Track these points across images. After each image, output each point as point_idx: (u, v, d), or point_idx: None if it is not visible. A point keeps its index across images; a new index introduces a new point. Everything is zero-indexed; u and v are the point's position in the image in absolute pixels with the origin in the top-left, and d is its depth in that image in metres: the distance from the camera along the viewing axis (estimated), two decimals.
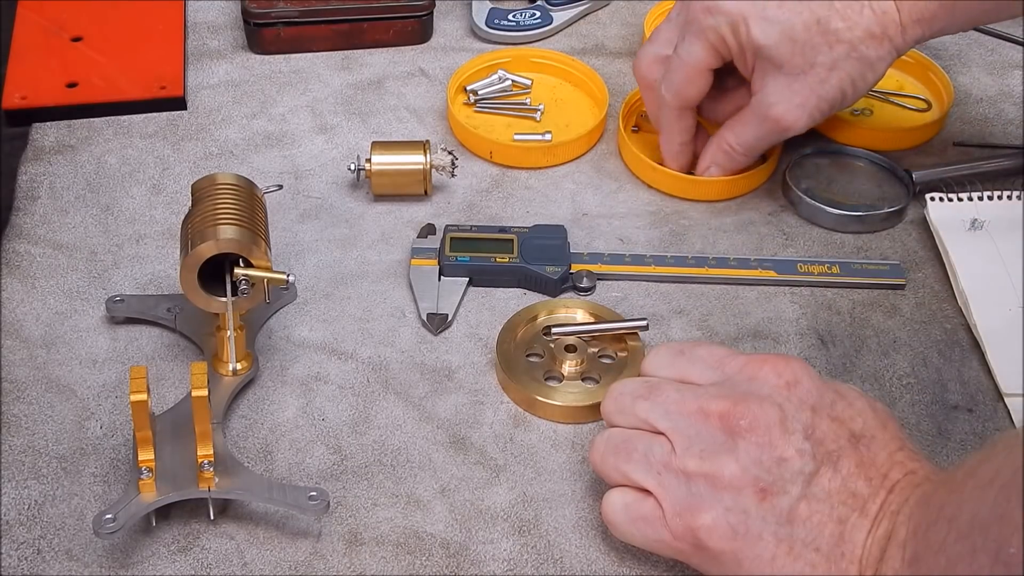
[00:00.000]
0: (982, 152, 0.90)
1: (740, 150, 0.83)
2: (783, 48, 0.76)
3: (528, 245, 0.80)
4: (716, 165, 0.85)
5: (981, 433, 0.72)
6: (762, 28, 0.76)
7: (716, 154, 0.84)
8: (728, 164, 0.84)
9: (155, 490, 0.64)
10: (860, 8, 0.76)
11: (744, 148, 0.83)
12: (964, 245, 0.82)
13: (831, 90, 0.78)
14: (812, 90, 0.78)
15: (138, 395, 0.62)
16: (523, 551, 0.65)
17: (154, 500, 0.63)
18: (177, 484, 0.64)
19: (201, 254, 0.68)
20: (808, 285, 0.80)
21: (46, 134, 0.89)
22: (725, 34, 0.78)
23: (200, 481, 0.64)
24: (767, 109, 0.79)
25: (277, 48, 0.97)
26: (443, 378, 0.74)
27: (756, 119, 0.81)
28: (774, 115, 0.79)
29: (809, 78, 0.77)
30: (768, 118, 0.80)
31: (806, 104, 0.78)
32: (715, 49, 0.79)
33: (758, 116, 0.80)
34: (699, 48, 0.79)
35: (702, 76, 0.80)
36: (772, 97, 0.79)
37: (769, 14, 0.76)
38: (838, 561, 0.57)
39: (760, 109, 0.80)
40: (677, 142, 0.85)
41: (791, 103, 0.78)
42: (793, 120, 0.79)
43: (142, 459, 0.64)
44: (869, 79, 0.78)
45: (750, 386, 0.62)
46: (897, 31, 0.76)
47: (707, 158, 0.85)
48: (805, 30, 0.76)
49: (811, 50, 0.76)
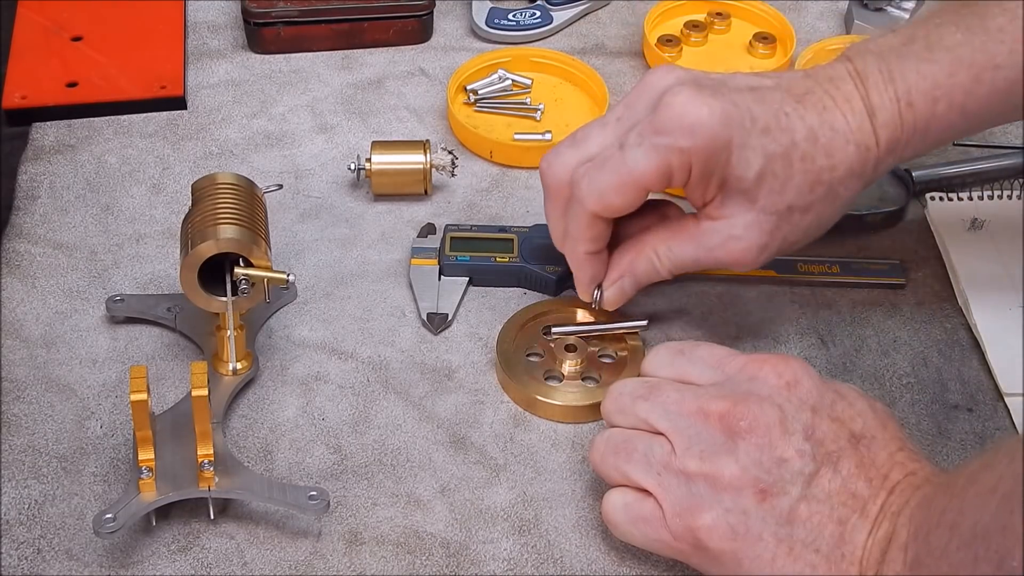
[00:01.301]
0: (982, 152, 0.90)
1: (668, 267, 0.72)
2: (762, 184, 0.67)
3: (528, 245, 0.80)
4: (631, 276, 0.72)
5: (981, 433, 0.72)
6: (745, 158, 0.66)
7: (637, 263, 0.72)
8: (646, 279, 0.73)
9: (155, 490, 0.64)
10: (844, 144, 0.67)
11: (674, 266, 0.72)
12: (964, 245, 0.82)
13: (798, 233, 0.69)
14: (779, 232, 0.69)
15: (138, 395, 0.62)
16: (523, 551, 0.65)
17: (154, 500, 0.63)
18: (177, 484, 0.64)
19: (201, 254, 0.68)
20: (808, 285, 0.80)
21: (46, 134, 0.89)
22: (696, 163, 0.65)
23: (200, 481, 0.64)
24: (725, 241, 0.69)
25: (277, 48, 0.97)
26: (443, 378, 0.74)
27: (704, 247, 0.70)
28: (731, 250, 0.69)
29: (780, 220, 0.68)
30: (724, 251, 0.69)
31: (773, 248, 0.69)
32: (668, 174, 0.66)
33: (709, 245, 0.69)
34: (651, 164, 0.66)
35: (638, 192, 0.67)
36: (736, 230, 0.68)
37: (753, 142, 0.66)
38: (838, 562, 0.58)
39: (713, 239, 0.69)
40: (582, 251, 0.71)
41: (755, 242, 0.68)
42: (751, 261, 0.69)
43: (142, 459, 0.64)
44: (834, 220, 0.71)
45: (750, 386, 0.62)
46: (873, 165, 0.68)
47: (622, 265, 0.72)
48: (787, 166, 0.67)
49: (791, 190, 0.67)
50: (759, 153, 0.66)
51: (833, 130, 0.67)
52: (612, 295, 0.73)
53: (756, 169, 0.66)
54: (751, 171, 0.66)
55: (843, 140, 0.67)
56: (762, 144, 0.66)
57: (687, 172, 0.66)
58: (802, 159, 0.67)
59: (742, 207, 0.68)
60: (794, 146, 0.66)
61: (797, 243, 0.70)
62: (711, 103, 0.65)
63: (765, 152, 0.66)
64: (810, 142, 0.67)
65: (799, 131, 0.67)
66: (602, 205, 0.68)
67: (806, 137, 0.67)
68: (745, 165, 0.66)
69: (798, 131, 0.67)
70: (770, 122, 0.66)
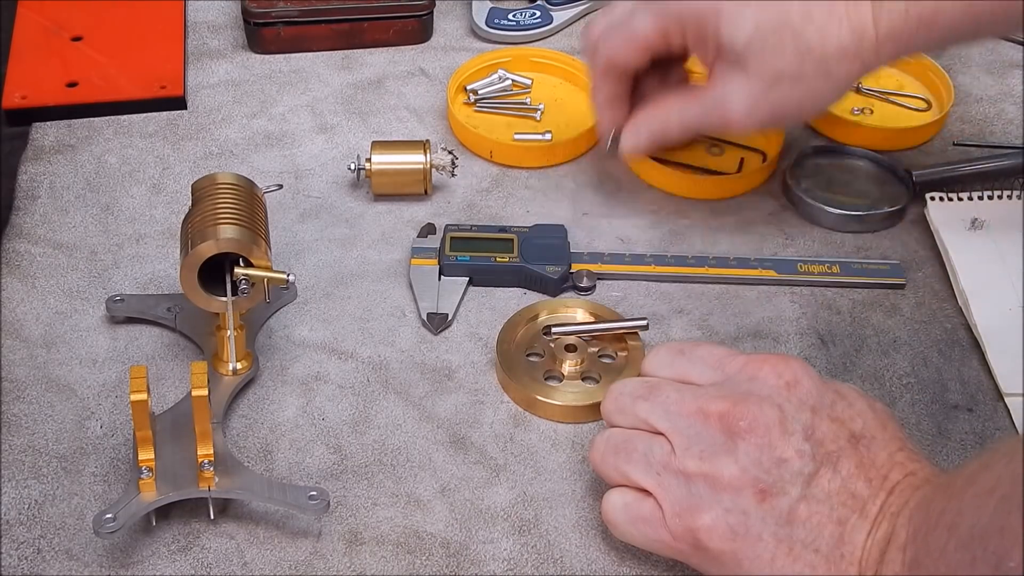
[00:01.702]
0: (982, 152, 0.90)
1: (679, 128, 0.79)
2: (751, 51, 0.72)
3: (528, 245, 0.80)
4: (648, 131, 0.80)
5: (981, 433, 0.72)
6: (733, 26, 0.72)
7: (652, 122, 0.79)
8: (659, 137, 0.80)
9: (155, 490, 0.64)
10: (838, 22, 0.70)
11: (684, 128, 0.79)
12: (964, 245, 0.82)
13: (790, 104, 0.74)
14: (771, 99, 0.73)
15: (138, 395, 0.62)
16: (523, 551, 0.65)
17: (154, 500, 0.63)
18: (177, 484, 0.64)
19: (201, 254, 0.68)
20: (808, 285, 0.80)
21: (46, 134, 0.89)
22: (687, 26, 0.74)
23: (200, 481, 0.64)
24: (721, 104, 0.75)
25: (277, 48, 0.97)
26: (443, 378, 0.74)
27: (705, 107, 0.76)
28: (726, 112, 0.75)
29: (771, 86, 0.73)
30: (718, 112, 0.75)
31: (761, 112, 0.74)
32: (666, 35, 0.75)
33: (708, 106, 0.76)
34: (650, 25, 0.75)
35: (640, 50, 0.77)
36: (730, 96, 0.74)
37: (743, 11, 0.71)
38: (838, 562, 0.57)
39: (713, 101, 0.76)
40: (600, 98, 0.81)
41: (747, 106, 0.74)
42: (744, 124, 0.75)
43: (142, 459, 0.64)
44: (831, 98, 0.76)
45: (750, 386, 0.62)
46: (871, 49, 0.71)
47: (640, 121, 0.80)
48: (777, 36, 0.71)
49: (780, 59, 0.71)
50: (749, 22, 0.71)
51: (830, 10, 0.70)
52: (627, 139, 0.80)
53: (744, 37, 0.71)
54: (739, 39, 0.72)
55: (837, 19, 0.70)
56: (753, 14, 0.71)
57: (682, 35, 0.74)
58: (794, 35, 0.71)
59: (734, 72, 0.73)
60: (786, 15, 0.71)
61: (791, 115, 0.76)
62: None
63: (756, 22, 0.71)
64: (803, 15, 0.70)
65: (794, 7, 0.71)
66: (611, 61, 0.78)
67: (799, 11, 0.71)
68: (733, 33, 0.72)
69: (793, 7, 0.71)
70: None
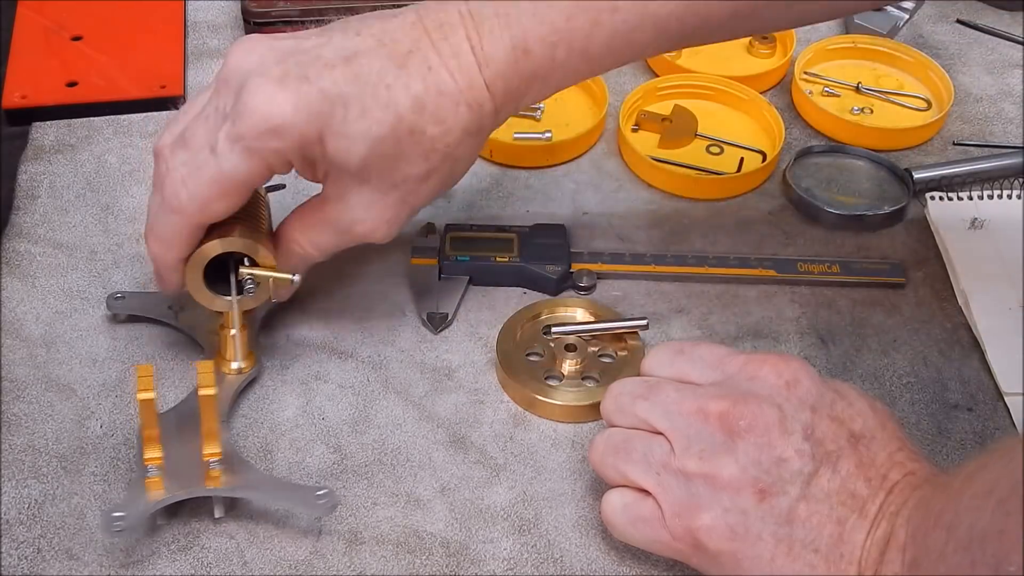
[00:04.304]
0: (982, 152, 0.90)
1: (317, 253, 0.70)
2: (370, 167, 0.64)
3: (528, 244, 0.80)
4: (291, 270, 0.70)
5: (981, 432, 0.72)
6: (344, 147, 0.63)
7: (289, 258, 0.70)
8: (302, 266, 0.71)
9: (163, 488, 0.64)
10: (455, 107, 0.64)
11: (322, 251, 0.70)
12: (964, 245, 0.82)
13: (423, 198, 0.68)
14: (404, 202, 0.67)
15: (146, 393, 0.62)
16: (523, 550, 0.65)
17: (162, 498, 0.63)
18: (184, 482, 0.64)
19: (206, 253, 0.67)
20: (808, 284, 0.80)
21: (46, 133, 0.89)
22: (293, 158, 0.64)
23: (207, 479, 0.64)
24: (350, 225, 0.68)
25: None
26: (443, 377, 0.74)
27: (335, 230, 0.69)
28: (360, 231, 0.68)
29: (400, 192, 0.66)
30: (352, 232, 0.68)
31: (398, 219, 0.68)
32: (269, 169, 0.64)
33: (338, 228, 0.68)
34: (248, 166, 0.63)
35: (241, 194, 0.65)
36: (357, 213, 0.67)
37: (350, 129, 0.62)
38: (837, 562, 0.57)
39: (341, 223, 0.68)
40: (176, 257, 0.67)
41: (380, 219, 0.67)
42: (383, 235, 0.68)
43: (148, 457, 0.64)
44: (462, 171, 0.69)
45: (750, 386, 0.62)
46: (491, 119, 0.66)
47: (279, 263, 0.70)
48: (396, 144, 0.64)
49: (404, 164, 0.65)
50: (359, 140, 0.63)
51: (441, 93, 0.63)
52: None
53: (359, 156, 0.63)
54: (353, 159, 0.64)
55: (452, 103, 0.64)
56: (361, 130, 0.63)
57: (288, 166, 0.64)
58: (410, 132, 0.63)
59: (355, 188, 0.66)
60: (399, 121, 0.63)
61: (426, 203, 0.69)
62: (294, 98, 0.62)
63: (367, 137, 0.63)
64: (417, 112, 0.63)
65: (403, 103, 0.63)
66: (206, 213, 0.65)
67: (412, 108, 0.63)
68: (345, 154, 0.63)
69: (402, 103, 0.63)
70: (367, 102, 0.63)
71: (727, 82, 0.93)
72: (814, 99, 0.93)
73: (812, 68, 0.96)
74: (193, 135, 0.65)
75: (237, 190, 0.65)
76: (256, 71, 0.63)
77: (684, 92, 0.94)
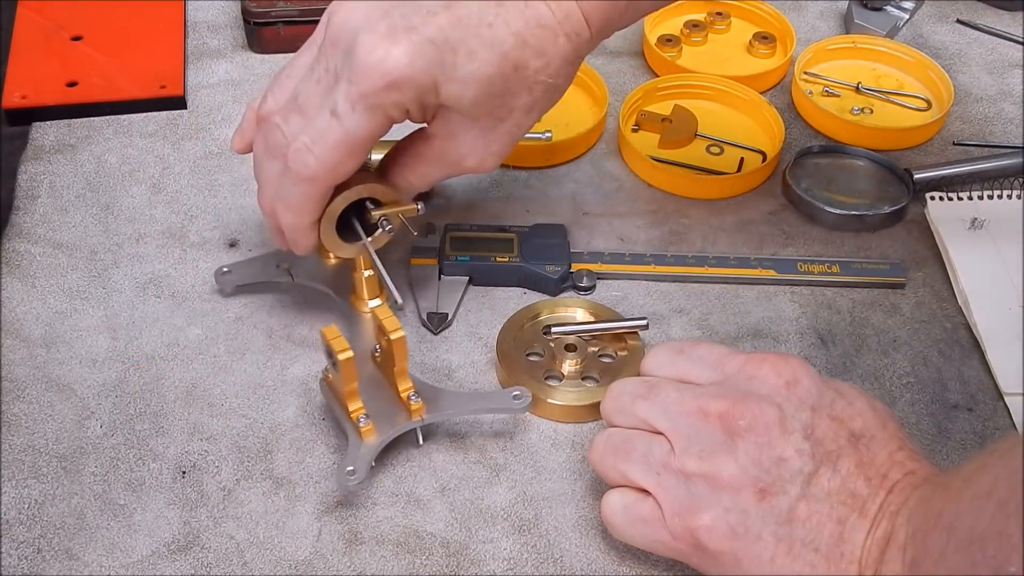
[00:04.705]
0: (982, 152, 0.90)
1: (424, 186, 0.72)
2: (480, 106, 0.66)
3: (528, 244, 0.80)
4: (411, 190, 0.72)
5: (981, 432, 0.72)
6: (456, 91, 0.64)
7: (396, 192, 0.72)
8: (407, 197, 0.72)
9: (375, 433, 0.67)
10: (554, 39, 0.65)
11: (429, 184, 0.72)
12: (964, 245, 0.82)
13: (526, 128, 0.69)
14: (509, 134, 0.69)
15: (345, 353, 0.64)
16: (523, 550, 0.65)
17: (381, 440, 0.66)
18: (393, 421, 0.67)
19: (337, 208, 0.69)
20: (808, 284, 0.80)
21: (46, 133, 0.89)
22: (411, 107, 0.65)
23: (412, 413, 0.67)
24: (459, 159, 0.69)
25: (277, 47, 0.97)
26: (443, 377, 0.74)
27: (443, 164, 0.70)
28: (469, 165, 0.70)
29: (506, 124, 0.68)
30: (460, 166, 0.70)
31: (504, 150, 0.69)
32: (391, 121, 0.65)
33: (446, 162, 0.70)
34: (372, 123, 0.64)
35: (368, 149, 0.66)
36: (465, 148, 0.69)
37: (460, 73, 0.63)
38: (837, 561, 0.57)
39: (449, 157, 0.69)
40: (309, 222, 0.69)
41: (487, 152, 0.69)
42: (491, 166, 0.70)
43: (352, 409, 0.67)
44: (559, 97, 0.70)
45: (750, 385, 0.62)
46: (588, 45, 0.67)
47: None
48: (504, 81, 0.65)
49: (510, 99, 0.66)
50: (471, 82, 0.64)
51: (540, 27, 0.64)
52: None
53: (470, 98, 0.65)
54: (465, 101, 0.65)
55: (552, 35, 0.65)
56: (471, 72, 0.64)
57: (405, 115, 0.65)
58: (515, 68, 0.65)
59: (464, 126, 0.67)
60: (504, 58, 0.64)
61: (526, 132, 0.70)
62: (407, 50, 0.62)
63: (477, 78, 0.64)
64: (519, 48, 0.64)
65: (506, 41, 0.64)
66: (338, 175, 0.66)
67: (515, 44, 0.64)
68: (457, 97, 0.65)
69: (505, 41, 0.64)
70: (473, 44, 0.63)
71: (727, 82, 0.93)
72: (814, 99, 0.93)
73: (812, 68, 0.96)
74: (308, 99, 0.65)
75: (364, 148, 0.66)
76: (363, 27, 0.63)
77: (684, 92, 0.94)
